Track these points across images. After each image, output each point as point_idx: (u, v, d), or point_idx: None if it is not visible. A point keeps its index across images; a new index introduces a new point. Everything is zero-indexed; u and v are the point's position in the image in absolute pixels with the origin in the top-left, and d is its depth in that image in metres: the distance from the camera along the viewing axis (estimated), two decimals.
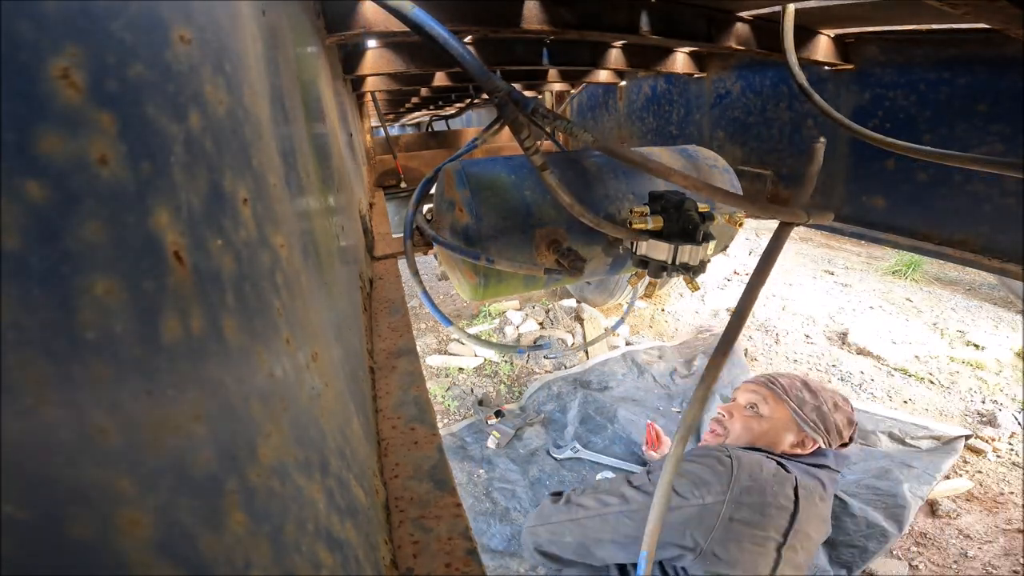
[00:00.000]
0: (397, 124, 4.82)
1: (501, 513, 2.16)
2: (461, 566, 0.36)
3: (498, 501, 2.20)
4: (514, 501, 2.19)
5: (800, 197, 0.73)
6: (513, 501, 2.19)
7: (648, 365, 3.11)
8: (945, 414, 2.66)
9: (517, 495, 2.21)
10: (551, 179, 0.69)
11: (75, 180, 0.13)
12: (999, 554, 1.93)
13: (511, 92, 0.61)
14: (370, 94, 1.92)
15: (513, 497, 2.21)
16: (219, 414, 0.17)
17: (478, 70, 0.58)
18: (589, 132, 0.62)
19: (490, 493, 2.25)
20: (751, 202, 0.67)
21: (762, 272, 0.70)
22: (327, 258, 0.45)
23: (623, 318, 1.38)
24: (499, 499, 2.21)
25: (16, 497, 0.11)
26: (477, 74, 0.59)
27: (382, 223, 1.33)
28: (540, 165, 0.68)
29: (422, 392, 0.56)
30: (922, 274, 4.25)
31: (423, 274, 1.00)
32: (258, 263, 0.22)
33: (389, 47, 1.21)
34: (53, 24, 0.13)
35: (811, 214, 0.71)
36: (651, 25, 0.93)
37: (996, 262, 1.01)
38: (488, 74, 0.60)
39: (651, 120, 1.93)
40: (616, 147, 0.63)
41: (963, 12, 0.55)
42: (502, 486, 2.26)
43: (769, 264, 0.70)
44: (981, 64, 0.98)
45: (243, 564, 0.16)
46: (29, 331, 0.11)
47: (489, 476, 2.33)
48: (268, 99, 0.31)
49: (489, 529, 2.08)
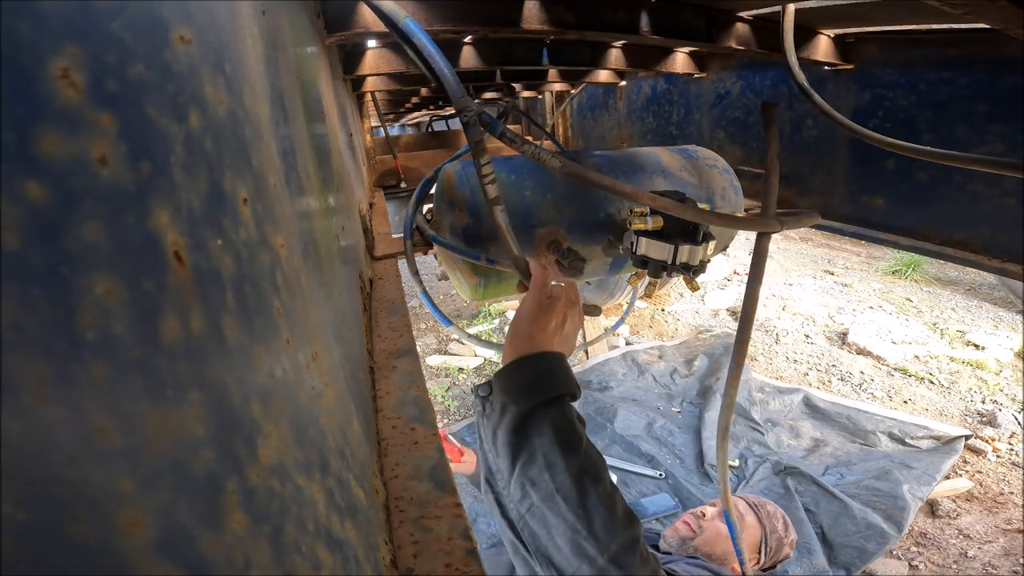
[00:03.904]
0: (397, 124, 4.82)
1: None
2: (461, 566, 0.36)
3: None
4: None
5: (768, 206, 0.73)
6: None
7: (648, 365, 3.11)
8: (945, 414, 2.66)
9: None
10: (501, 217, 0.67)
11: (75, 180, 0.13)
12: (999, 554, 1.93)
13: (481, 114, 0.61)
14: (370, 94, 1.92)
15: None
16: (219, 414, 0.17)
17: (455, 88, 0.58)
18: (556, 158, 0.62)
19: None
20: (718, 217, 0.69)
21: (754, 283, 0.71)
22: (327, 258, 0.45)
23: (623, 318, 1.38)
24: None
25: (16, 497, 0.11)
26: (453, 91, 0.58)
27: (382, 223, 1.33)
28: (493, 199, 0.66)
29: (422, 392, 0.56)
30: (922, 274, 4.25)
31: (423, 274, 1.00)
32: (258, 263, 0.22)
33: (389, 47, 1.21)
34: (53, 24, 0.13)
35: (785, 222, 0.71)
36: (651, 25, 0.93)
37: (996, 262, 1.01)
38: (464, 93, 0.59)
39: (651, 120, 1.93)
40: (582, 171, 0.62)
41: (963, 12, 0.55)
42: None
43: (758, 276, 0.71)
44: (981, 64, 0.98)
45: (243, 564, 0.17)
46: (29, 331, 0.11)
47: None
48: (268, 99, 0.31)
49: (489, 529, 2.08)
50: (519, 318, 0.64)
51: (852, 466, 2.31)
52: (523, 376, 0.60)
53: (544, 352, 0.61)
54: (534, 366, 0.60)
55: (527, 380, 0.59)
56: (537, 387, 0.59)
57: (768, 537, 1.35)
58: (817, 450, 2.46)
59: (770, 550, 1.34)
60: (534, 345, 0.62)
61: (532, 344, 0.62)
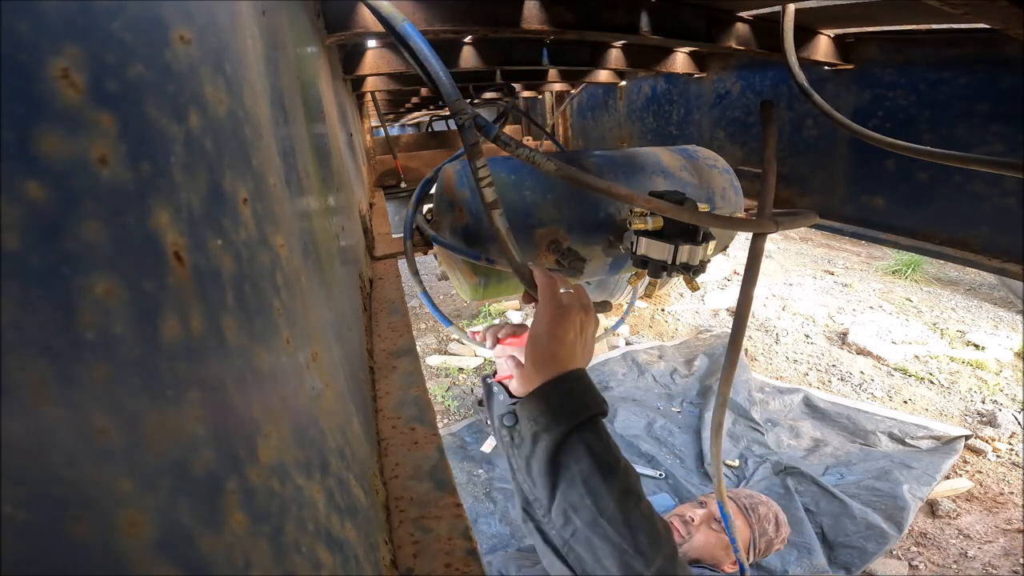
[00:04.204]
0: (397, 124, 4.82)
1: (501, 513, 2.16)
2: (461, 566, 0.36)
3: (498, 501, 2.20)
4: (514, 501, 2.19)
5: (764, 206, 0.73)
6: (513, 501, 2.19)
7: (648, 365, 3.11)
8: (945, 414, 2.66)
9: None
10: (500, 222, 0.66)
11: (75, 180, 0.13)
12: (999, 554, 1.93)
13: (476, 118, 0.61)
14: (370, 94, 1.92)
15: (513, 497, 2.21)
16: (219, 414, 0.17)
17: (450, 91, 0.58)
18: (551, 161, 0.61)
19: (490, 493, 2.25)
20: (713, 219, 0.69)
21: (748, 284, 0.72)
22: (327, 258, 0.45)
23: (623, 318, 1.38)
24: (499, 499, 2.21)
25: (16, 497, 0.11)
26: (448, 94, 0.58)
27: (382, 223, 1.33)
28: (491, 203, 0.65)
29: (422, 392, 0.56)
30: (922, 274, 4.25)
31: (423, 274, 1.00)
32: (258, 263, 0.22)
33: (389, 47, 1.21)
34: (53, 24, 0.13)
35: (782, 222, 0.71)
36: (651, 25, 0.93)
37: (996, 262, 1.01)
38: (459, 96, 0.59)
39: (651, 120, 1.93)
40: (577, 174, 0.62)
41: (963, 12, 0.55)
42: (502, 486, 2.26)
43: (753, 276, 0.72)
44: (981, 64, 0.98)
45: (243, 564, 0.17)
46: (29, 331, 0.11)
47: (489, 476, 2.33)
48: (268, 99, 0.31)
49: (489, 529, 2.08)
50: (536, 335, 0.62)
51: (852, 466, 2.31)
52: (549, 403, 0.58)
53: (563, 374, 0.60)
54: (557, 390, 0.59)
55: (554, 406, 0.58)
56: (565, 412, 0.58)
57: (757, 540, 1.38)
58: (817, 450, 2.46)
59: (759, 551, 1.38)
60: (557, 363, 0.61)
61: (555, 362, 0.60)
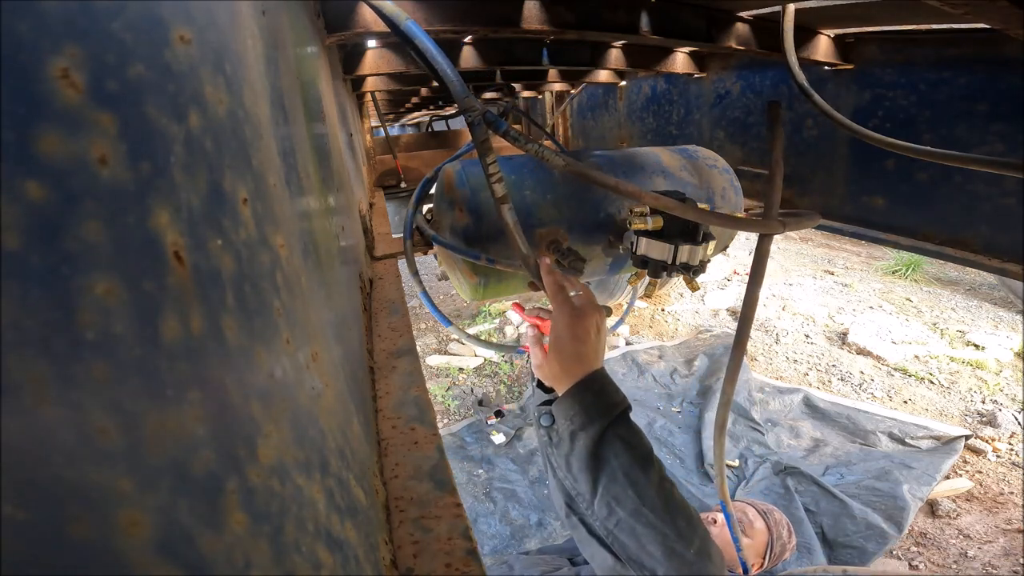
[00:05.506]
0: (397, 124, 4.82)
1: (501, 513, 2.16)
2: (461, 566, 0.36)
3: (498, 501, 2.20)
4: (514, 501, 2.19)
5: (771, 207, 0.73)
6: (513, 501, 2.19)
7: (648, 365, 3.11)
8: (945, 414, 2.66)
9: (517, 495, 2.21)
10: (509, 216, 0.66)
11: (75, 180, 0.13)
12: (999, 554, 1.93)
13: (486, 113, 0.61)
14: (370, 94, 1.92)
15: (513, 497, 2.21)
16: (219, 414, 0.17)
17: (458, 88, 0.58)
18: (560, 157, 0.61)
19: (490, 493, 2.25)
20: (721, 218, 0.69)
21: (754, 284, 0.72)
22: (327, 258, 0.45)
23: (623, 318, 1.38)
24: (499, 499, 2.21)
25: (16, 497, 0.11)
26: (457, 92, 0.58)
27: (382, 223, 1.33)
28: (501, 197, 0.65)
29: (422, 392, 0.56)
30: (922, 274, 4.25)
31: (423, 274, 1.00)
32: (258, 263, 0.22)
33: (389, 47, 1.21)
34: (53, 24, 0.13)
35: (788, 223, 0.72)
36: (651, 25, 0.93)
37: (996, 262, 1.01)
38: (468, 93, 0.59)
39: (651, 120, 1.93)
40: (586, 170, 0.62)
41: (963, 12, 0.55)
42: (502, 486, 2.26)
43: (759, 277, 0.72)
44: (981, 64, 0.98)
45: (243, 564, 0.16)
46: (29, 331, 0.11)
47: (489, 476, 2.33)
48: (268, 99, 0.31)
49: (489, 529, 2.08)
50: (559, 338, 0.65)
51: (852, 466, 2.31)
52: (583, 402, 0.62)
53: (591, 374, 0.63)
54: (589, 389, 0.63)
55: (587, 405, 0.62)
56: (598, 410, 0.61)
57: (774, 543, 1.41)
58: (817, 450, 2.46)
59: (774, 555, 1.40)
60: (585, 363, 0.64)
61: (583, 362, 0.64)
